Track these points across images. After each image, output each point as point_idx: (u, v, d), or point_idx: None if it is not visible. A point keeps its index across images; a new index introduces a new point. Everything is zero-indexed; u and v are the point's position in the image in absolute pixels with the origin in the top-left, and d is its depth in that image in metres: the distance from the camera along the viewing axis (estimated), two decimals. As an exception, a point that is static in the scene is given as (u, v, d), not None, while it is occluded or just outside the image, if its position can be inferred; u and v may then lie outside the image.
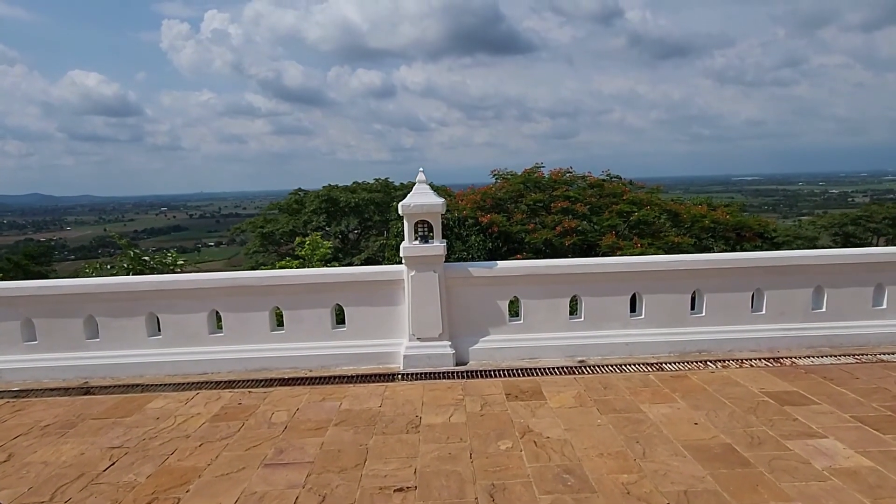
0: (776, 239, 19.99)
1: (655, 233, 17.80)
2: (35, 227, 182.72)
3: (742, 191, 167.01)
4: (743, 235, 17.83)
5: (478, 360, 5.40)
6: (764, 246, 20.88)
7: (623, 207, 16.49)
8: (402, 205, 5.18)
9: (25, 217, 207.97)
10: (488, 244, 16.48)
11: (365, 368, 5.35)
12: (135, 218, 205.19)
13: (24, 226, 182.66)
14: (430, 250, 5.19)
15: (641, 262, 5.45)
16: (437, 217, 5.25)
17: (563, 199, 16.98)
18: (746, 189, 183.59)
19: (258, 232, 23.42)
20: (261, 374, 5.30)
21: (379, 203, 22.07)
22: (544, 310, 5.43)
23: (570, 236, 15.66)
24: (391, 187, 25.07)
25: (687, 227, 17.04)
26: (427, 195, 5.22)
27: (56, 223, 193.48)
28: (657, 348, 5.43)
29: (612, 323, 5.47)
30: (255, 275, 5.38)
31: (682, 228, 17.08)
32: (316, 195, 22.64)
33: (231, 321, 5.39)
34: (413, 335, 5.32)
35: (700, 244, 17.12)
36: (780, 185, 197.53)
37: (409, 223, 5.25)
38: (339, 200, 21.94)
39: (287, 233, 22.78)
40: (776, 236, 20.66)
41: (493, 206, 18.06)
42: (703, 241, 16.63)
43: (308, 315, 5.39)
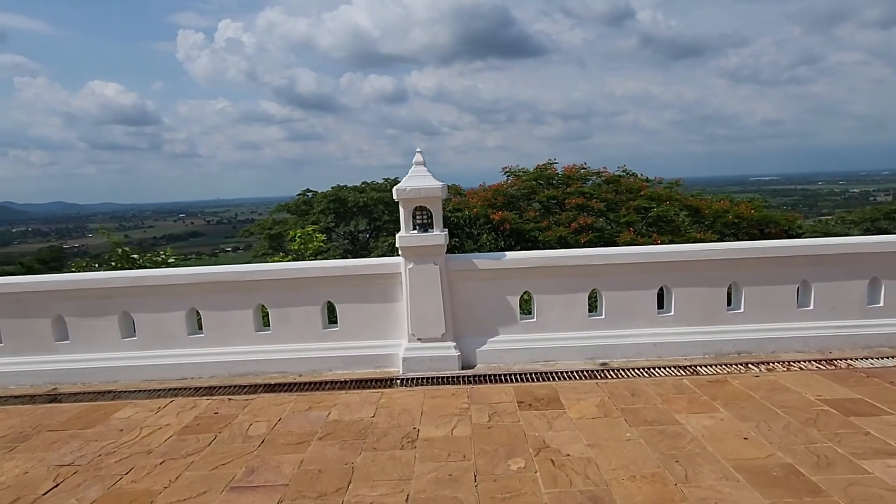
0: (803, 236, 19.09)
1: (675, 229, 17.05)
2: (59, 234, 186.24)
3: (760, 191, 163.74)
4: (768, 232, 16.98)
5: (486, 363, 4.81)
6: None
7: (641, 203, 15.77)
8: (398, 189, 4.61)
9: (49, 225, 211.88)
10: (500, 242, 15.85)
11: (360, 373, 4.78)
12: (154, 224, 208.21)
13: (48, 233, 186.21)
14: (430, 240, 4.62)
15: (670, 251, 4.83)
16: (438, 202, 4.68)
17: (578, 195, 16.30)
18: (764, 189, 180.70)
19: (266, 234, 23.05)
20: (245, 378, 4.76)
21: (388, 203, 21.51)
22: (560, 306, 4.83)
23: (586, 233, 14.98)
24: (401, 187, 24.28)
25: (708, 223, 16.26)
26: (425, 178, 4.65)
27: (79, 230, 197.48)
28: (689, 349, 4.79)
29: (638, 321, 4.85)
30: (237, 269, 4.85)
31: (703, 225, 16.31)
32: (324, 195, 22.19)
33: (212, 321, 4.86)
34: (413, 335, 4.75)
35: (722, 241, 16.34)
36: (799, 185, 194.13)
37: (406, 210, 4.68)
38: (348, 200, 21.46)
39: (295, 234, 22.36)
40: (802, 232, 19.75)
41: (504, 204, 17.43)
42: (726, 237, 15.84)
43: (296, 314, 4.85)
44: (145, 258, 7.45)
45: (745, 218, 15.75)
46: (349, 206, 21.73)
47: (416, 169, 4.73)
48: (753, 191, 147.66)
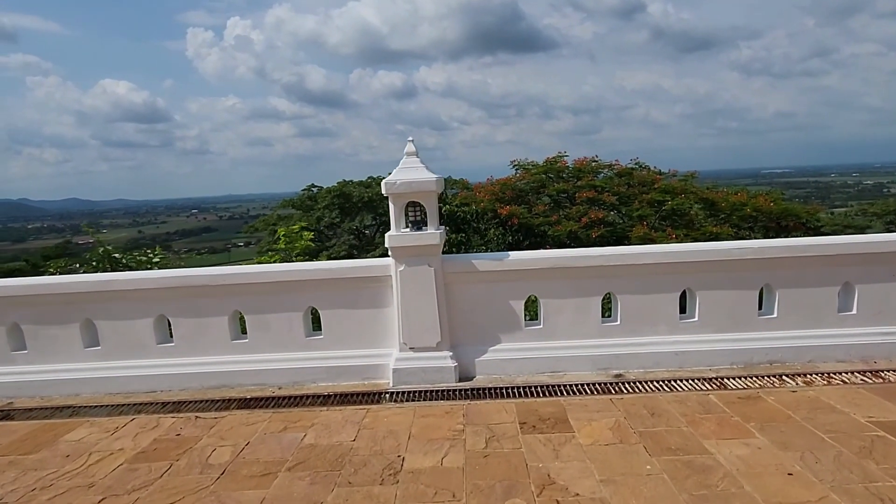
0: (822, 228, 18.32)
1: (689, 223, 16.40)
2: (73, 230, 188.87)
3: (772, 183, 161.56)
4: (786, 225, 16.27)
5: (486, 375, 4.31)
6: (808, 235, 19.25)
7: (655, 196, 15.13)
8: (386, 182, 4.11)
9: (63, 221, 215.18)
10: (508, 238, 15.32)
11: (345, 385, 4.31)
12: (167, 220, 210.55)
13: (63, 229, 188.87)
14: (423, 239, 4.11)
15: (696, 250, 4.28)
16: (432, 197, 4.17)
17: (589, 188, 15.70)
18: (776, 181, 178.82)
19: (269, 230, 22.68)
20: (219, 392, 4.30)
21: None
22: (570, 311, 4.31)
23: (597, 228, 14.40)
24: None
25: (724, 217, 15.59)
26: (417, 170, 4.15)
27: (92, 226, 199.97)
28: (715, 359, 4.26)
29: (657, 327, 4.32)
30: (211, 272, 4.38)
31: (718, 218, 15.64)
32: (328, 191, 21.76)
33: (183, 329, 4.40)
34: (404, 344, 4.26)
35: (739, 235, 15.66)
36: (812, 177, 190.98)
37: (397, 206, 4.18)
38: (352, 196, 21.01)
39: (299, 230, 21.92)
40: (821, 225, 18.97)
41: (513, 198, 16.87)
42: (743, 231, 15.19)
43: (276, 321, 4.37)
44: (129, 258, 7.04)
45: (764, 211, 15.07)
46: (354, 202, 21.28)
47: (408, 160, 4.22)
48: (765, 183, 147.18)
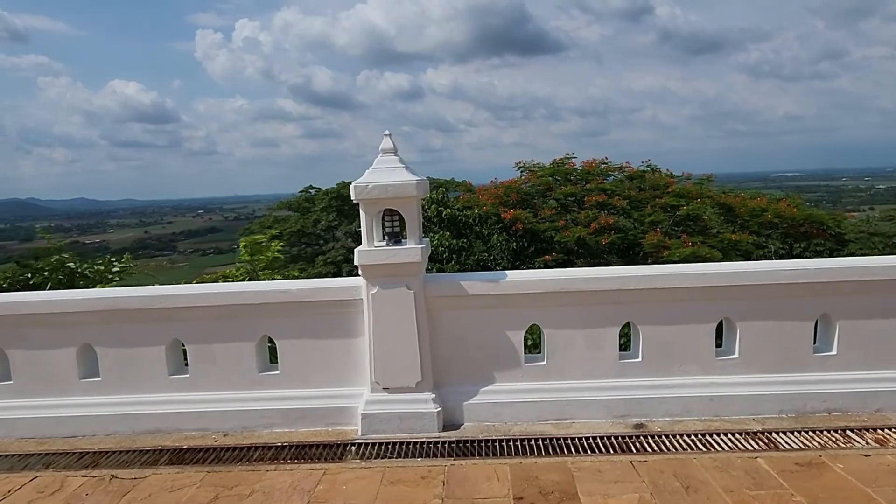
0: (846, 236, 17.39)
1: (703, 229, 15.54)
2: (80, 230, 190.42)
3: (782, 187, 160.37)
4: (805, 232, 15.37)
5: (476, 422, 3.52)
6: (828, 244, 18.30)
7: (668, 201, 14.28)
8: (356, 186, 3.34)
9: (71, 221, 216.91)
10: (512, 244, 14.52)
11: (305, 433, 3.53)
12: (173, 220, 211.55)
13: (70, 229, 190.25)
14: (401, 255, 3.34)
15: (736, 270, 3.48)
16: (412, 205, 3.39)
17: (598, 192, 14.86)
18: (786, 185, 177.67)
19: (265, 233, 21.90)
20: (152, 438, 3.54)
21: (393, 200, 20.35)
22: (581, 344, 3.52)
23: (608, 234, 13.56)
24: (408, 183, 23.05)
25: (742, 223, 14.73)
26: (395, 171, 3.37)
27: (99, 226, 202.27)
28: (761, 405, 3.45)
29: (688, 366, 3.51)
30: (145, 293, 3.61)
31: (735, 224, 14.78)
32: (325, 192, 21.04)
33: (111, 361, 3.64)
34: (377, 383, 3.48)
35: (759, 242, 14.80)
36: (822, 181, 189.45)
37: (369, 214, 3.41)
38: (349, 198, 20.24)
39: (295, 233, 21.31)
40: (844, 233, 18.02)
41: (518, 202, 16.06)
42: (762, 238, 14.33)
43: (223, 352, 3.61)
44: (85, 267, 6.31)
45: (786, 217, 14.19)
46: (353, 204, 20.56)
47: (384, 159, 3.45)
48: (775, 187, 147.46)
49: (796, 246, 19.78)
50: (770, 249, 17.75)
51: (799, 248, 20.38)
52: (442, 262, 14.40)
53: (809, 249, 20.41)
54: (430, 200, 15.65)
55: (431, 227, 15.60)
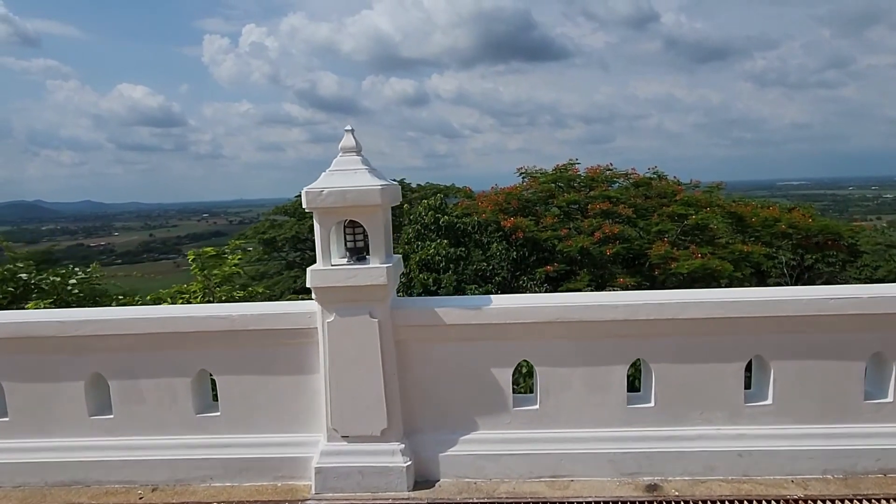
0: (860, 247, 16.72)
1: (711, 239, 14.92)
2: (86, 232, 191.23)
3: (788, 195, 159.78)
4: (817, 242, 14.73)
5: (454, 478, 2.92)
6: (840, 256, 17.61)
7: (676, 209, 13.67)
8: (308, 192, 2.75)
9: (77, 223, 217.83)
10: (512, 253, 13.93)
11: (249, 488, 2.94)
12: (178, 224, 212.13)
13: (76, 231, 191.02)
14: (362, 276, 2.75)
15: (770, 298, 2.86)
16: (378, 215, 2.80)
17: (603, 199, 14.28)
18: (793, 194, 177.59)
19: (259, 238, 21.37)
20: (67, 493, 2.96)
21: (390, 206, 19.72)
22: (581, 385, 2.91)
23: (612, 244, 12.96)
24: (406, 188, 22.64)
25: (753, 233, 14.09)
26: (355, 174, 2.79)
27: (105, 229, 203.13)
28: (801, 463, 2.83)
29: (712, 413, 2.90)
30: (56, 317, 3.03)
31: (747, 235, 14.15)
32: (322, 197, 20.41)
33: (18, 398, 3.05)
34: (335, 430, 2.88)
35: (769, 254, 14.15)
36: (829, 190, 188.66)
37: (324, 226, 2.81)
38: (346, 203, 19.65)
39: (290, 239, 20.70)
40: (856, 243, 17.33)
41: (519, 209, 15.50)
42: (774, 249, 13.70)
43: (153, 389, 3.02)
44: (41, 278, 5.72)
45: (801, 228, 13.54)
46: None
47: (344, 159, 2.86)
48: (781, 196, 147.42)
49: (808, 257, 19.11)
50: (781, 261, 17.09)
51: (811, 260, 19.70)
52: (439, 271, 13.82)
53: (821, 261, 19.74)
54: (427, 207, 15.09)
55: (429, 235, 15.04)
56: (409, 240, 15.38)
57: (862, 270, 20.26)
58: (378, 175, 2.82)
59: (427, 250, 13.99)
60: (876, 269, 19.46)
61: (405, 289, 13.99)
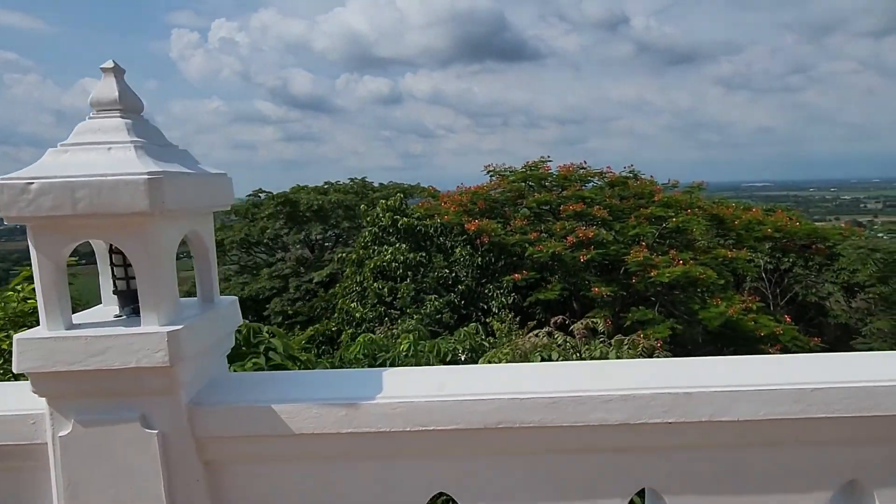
0: (836, 249, 15.90)
1: (689, 243, 13.94)
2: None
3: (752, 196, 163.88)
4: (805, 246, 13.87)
5: None
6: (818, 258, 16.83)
7: (655, 211, 12.61)
8: (4, 184, 1.37)
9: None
10: (477, 259, 12.66)
11: None
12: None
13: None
14: (116, 352, 1.39)
15: (865, 386, 1.59)
16: (148, 232, 1.44)
17: (576, 200, 13.13)
18: (757, 195, 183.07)
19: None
20: None
21: (348, 206, 18.26)
22: (543, 537, 1.61)
23: (586, 249, 11.81)
24: (368, 188, 21.15)
25: (735, 237, 13.15)
26: (109, 152, 1.42)
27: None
28: None
29: (776, 587, 1.63)
30: None
31: (728, 238, 13.20)
32: (272, 197, 18.86)
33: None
34: None
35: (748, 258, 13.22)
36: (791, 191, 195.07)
37: (45, 252, 1.44)
38: (299, 203, 18.13)
39: (239, 242, 19.00)
40: (832, 244, 16.50)
41: (486, 210, 14.25)
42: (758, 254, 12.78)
43: None
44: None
45: (787, 232, 12.62)
46: (301, 211, 18.45)
47: (92, 125, 1.50)
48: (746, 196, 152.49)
49: (784, 260, 18.36)
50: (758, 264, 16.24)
51: (787, 263, 18.98)
52: (395, 279, 12.46)
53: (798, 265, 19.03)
54: (385, 208, 13.72)
55: (387, 239, 13.68)
56: (366, 244, 14.00)
57: (839, 274, 19.64)
58: (154, 155, 1.47)
59: (383, 256, 12.63)
60: (854, 273, 18.83)
61: (359, 298, 12.61)
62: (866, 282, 18.09)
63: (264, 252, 19.93)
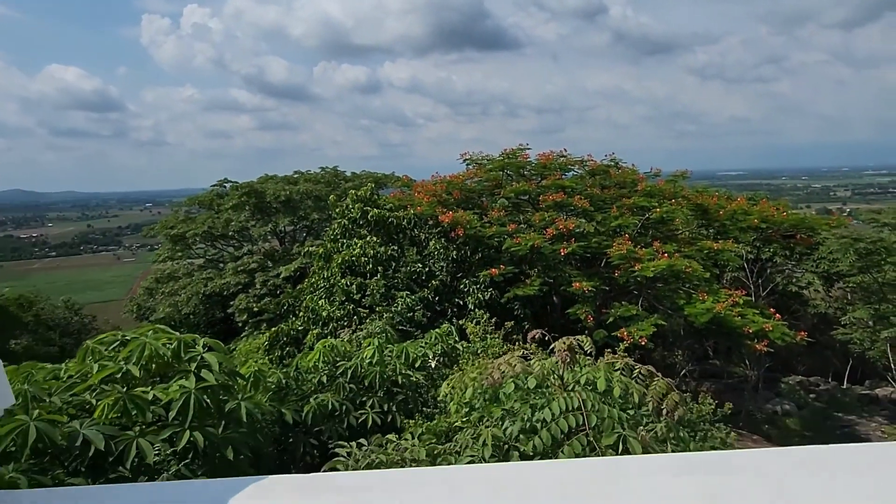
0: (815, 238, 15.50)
1: (673, 234, 13.43)
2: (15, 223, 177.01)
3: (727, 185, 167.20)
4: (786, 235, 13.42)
5: None
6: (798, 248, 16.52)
7: (638, 201, 12.00)
8: None
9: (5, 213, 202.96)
10: (452, 253, 11.93)
11: None
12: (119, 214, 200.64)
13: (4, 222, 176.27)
14: None
15: None
16: None
17: (556, 189, 12.46)
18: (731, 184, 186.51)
19: (166, 234, 18.36)
20: None
21: (318, 197, 17.26)
22: None
23: (567, 242, 11.17)
24: (340, 177, 20.09)
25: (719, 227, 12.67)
26: None
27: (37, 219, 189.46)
28: None
29: None
30: None
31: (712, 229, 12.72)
32: (236, 188, 17.75)
33: None
34: None
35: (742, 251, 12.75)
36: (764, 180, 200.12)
37: None
38: (266, 194, 17.06)
39: (203, 234, 17.82)
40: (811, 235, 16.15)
41: (461, 201, 13.50)
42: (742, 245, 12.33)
43: None
44: None
45: (773, 222, 12.15)
46: (268, 201, 17.43)
47: None
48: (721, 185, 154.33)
49: (765, 250, 18.02)
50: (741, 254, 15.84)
51: (768, 253, 18.66)
52: (365, 275, 11.66)
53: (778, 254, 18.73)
54: (355, 199, 12.86)
55: (357, 231, 12.85)
56: (335, 237, 13.14)
57: (819, 263, 19.41)
58: None
59: (352, 250, 11.80)
60: (834, 262, 18.60)
61: (327, 296, 11.78)
62: (848, 271, 17.87)
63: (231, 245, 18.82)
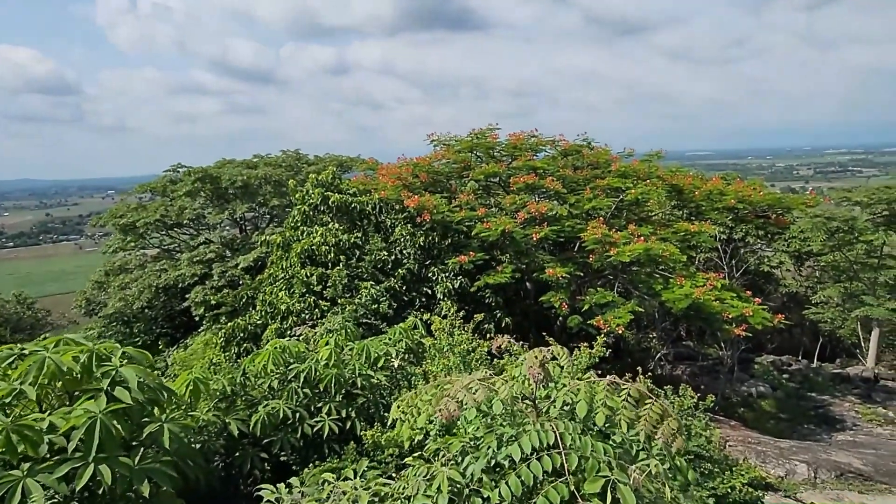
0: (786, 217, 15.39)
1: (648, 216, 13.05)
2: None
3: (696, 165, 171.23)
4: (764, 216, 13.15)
5: None
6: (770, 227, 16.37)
7: (612, 182, 11.54)
8: None
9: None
10: (419, 239, 11.29)
11: None
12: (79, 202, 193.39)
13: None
14: None
15: None
16: None
17: (528, 171, 11.91)
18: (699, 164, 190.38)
19: (115, 223, 17.23)
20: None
21: (278, 182, 16.35)
22: None
23: (539, 226, 10.64)
24: (302, 160, 19.15)
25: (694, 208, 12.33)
26: None
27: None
28: None
29: None
30: None
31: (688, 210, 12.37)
32: (189, 172, 16.69)
33: None
34: None
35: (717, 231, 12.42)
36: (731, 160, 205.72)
37: None
38: (221, 179, 16.09)
39: (155, 223, 16.76)
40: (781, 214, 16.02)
41: (429, 184, 12.84)
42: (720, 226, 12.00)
43: None
44: None
45: (750, 202, 11.83)
46: (224, 187, 16.46)
47: None
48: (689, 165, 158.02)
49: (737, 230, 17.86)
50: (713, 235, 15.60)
51: (741, 232, 18.52)
52: (326, 265, 10.95)
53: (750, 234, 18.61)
54: (314, 183, 12.08)
55: (319, 218, 12.09)
56: (296, 224, 12.35)
57: (790, 243, 19.42)
58: None
59: (312, 238, 11.05)
60: (805, 241, 18.59)
61: (286, 288, 11.05)
62: (819, 250, 17.89)
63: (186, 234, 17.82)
